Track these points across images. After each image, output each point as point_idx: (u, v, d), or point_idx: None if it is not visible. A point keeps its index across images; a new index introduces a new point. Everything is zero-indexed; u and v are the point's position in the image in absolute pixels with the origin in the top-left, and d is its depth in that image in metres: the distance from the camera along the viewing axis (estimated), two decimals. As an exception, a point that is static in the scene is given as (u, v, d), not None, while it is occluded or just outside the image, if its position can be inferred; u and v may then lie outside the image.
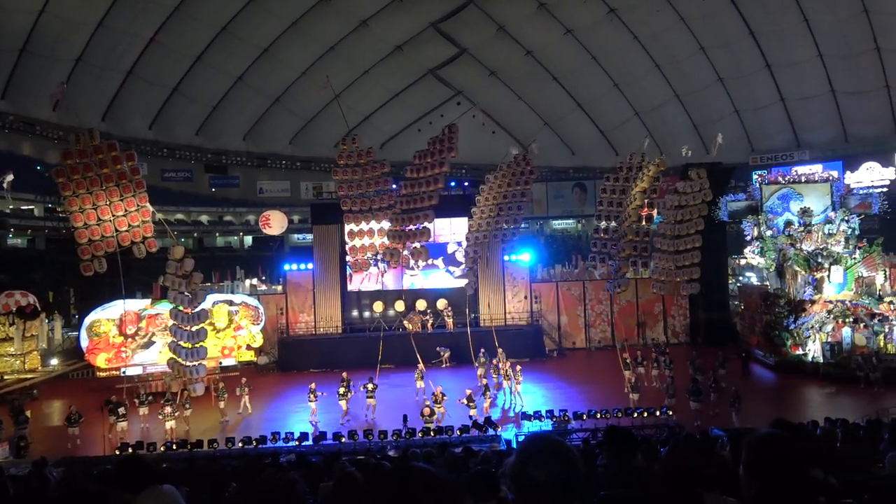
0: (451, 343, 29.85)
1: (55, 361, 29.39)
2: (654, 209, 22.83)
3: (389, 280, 32.33)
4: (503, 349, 25.28)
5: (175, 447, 17.93)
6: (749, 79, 44.51)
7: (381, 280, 30.95)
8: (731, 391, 19.91)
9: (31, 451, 18.15)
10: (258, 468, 9.96)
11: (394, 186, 23.03)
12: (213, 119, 48.31)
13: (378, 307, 33.38)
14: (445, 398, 20.71)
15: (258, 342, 29.08)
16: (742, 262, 38.83)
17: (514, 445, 15.36)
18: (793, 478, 2.72)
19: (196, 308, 18.85)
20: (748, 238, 30.41)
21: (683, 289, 22.76)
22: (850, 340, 26.22)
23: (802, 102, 45.16)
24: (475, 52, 47.50)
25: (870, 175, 43.91)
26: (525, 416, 19.98)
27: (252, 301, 29.54)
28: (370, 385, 21.82)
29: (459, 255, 29.53)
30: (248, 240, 52.70)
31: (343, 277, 33.35)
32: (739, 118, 47.28)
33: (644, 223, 22.40)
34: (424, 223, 21.62)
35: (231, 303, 28.07)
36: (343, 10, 42.38)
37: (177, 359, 19.48)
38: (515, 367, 23.15)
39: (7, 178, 35.37)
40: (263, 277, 36.98)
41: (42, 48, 38.62)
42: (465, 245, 24.80)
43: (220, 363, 26.48)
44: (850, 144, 45.90)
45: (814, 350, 26.94)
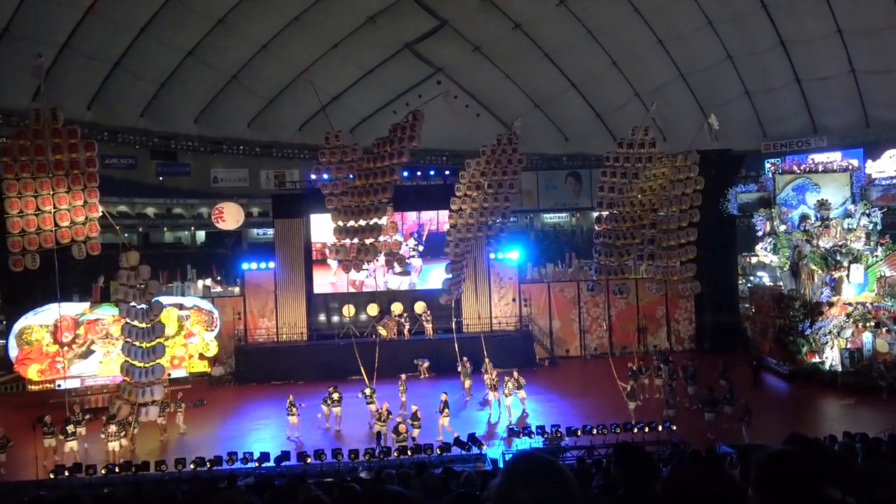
0: (431, 352, 29.85)
1: (-21, 374, 28.96)
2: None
3: (361, 280, 32.27)
4: (489, 358, 25.34)
5: (118, 470, 17.75)
6: (761, 57, 44.91)
7: (375, 278, 31.12)
8: (741, 403, 20.13)
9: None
10: (212, 492, 9.87)
11: (350, 176, 22.96)
12: (161, 98, 47.78)
13: (348, 311, 33.31)
14: (420, 417, 20.56)
15: (212, 351, 28.86)
16: (753, 261, 39.27)
17: (501, 465, 15.39)
18: (808, 498, 2.76)
19: (151, 320, 18.62)
20: (760, 233, 30.72)
21: (682, 289, 23.00)
22: (872, 347, 26.57)
23: (820, 83, 45.65)
24: (457, 25, 47.45)
25: (893, 164, 44.55)
26: (513, 433, 20.03)
27: (205, 304, 29.31)
28: (335, 395, 22.25)
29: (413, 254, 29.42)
30: (201, 235, 52.28)
31: (308, 278, 33.23)
32: (750, 100, 47.74)
33: (653, 210, 22.52)
34: (375, 219, 21.60)
35: (181, 307, 27.85)
36: (309, -24, 42.20)
37: (128, 380, 19.29)
38: (513, 375, 23.15)
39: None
40: (218, 278, 36.69)
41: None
42: (449, 244, 24.73)
43: (169, 375, 26.24)
44: (872, 130, 46.48)
45: (832, 357, 27.30)
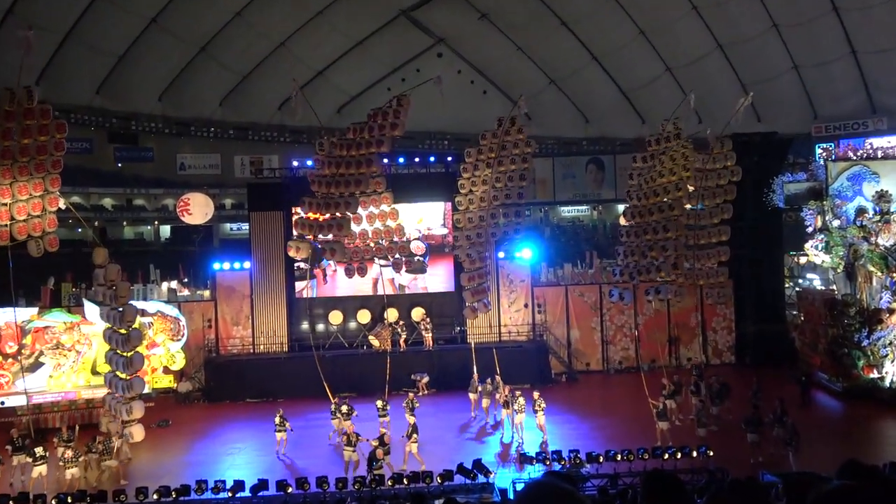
0: (430, 365, 29.83)
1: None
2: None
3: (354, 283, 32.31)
4: (500, 374, 25.40)
5: (70, 500, 17.77)
6: (812, 25, 44.82)
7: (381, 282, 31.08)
8: (788, 425, 20.14)
9: None
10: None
11: (308, 163, 22.88)
12: (120, 73, 47.83)
13: (335, 318, 33.32)
14: (388, 443, 20.46)
15: (178, 364, 28.87)
16: (802, 261, 39.19)
17: (511, 495, 15.41)
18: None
19: (127, 327, 18.63)
20: (809, 230, 30.70)
21: (709, 296, 22.98)
22: (939, 360, 26.63)
23: (879, 56, 45.53)
24: (461, -11, 47.48)
25: (964, 149, 44.51)
26: (525, 458, 20.03)
27: (170, 310, 29.32)
28: (343, 407, 22.69)
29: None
30: (166, 230, 52.39)
31: (290, 279, 33.26)
32: (799, 76, 47.66)
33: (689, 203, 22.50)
34: (347, 212, 21.59)
35: (143, 312, 27.82)
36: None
37: (114, 394, 19.36)
38: (532, 396, 23.16)
39: None
40: (186, 279, 36.73)
41: None
42: (458, 248, 24.69)
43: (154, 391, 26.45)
44: (940, 110, 46.45)
45: (892, 373, 27.29)
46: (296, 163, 36.01)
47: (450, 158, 36.09)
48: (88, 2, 43.00)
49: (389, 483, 18.13)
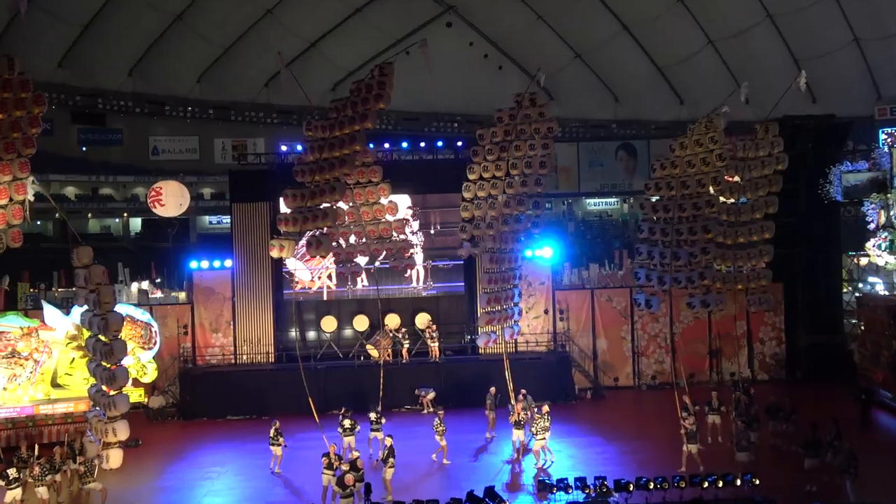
0: (437, 379, 29.85)
1: None
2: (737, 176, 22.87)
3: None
4: (514, 388, 25.38)
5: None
6: (875, -8, 44.74)
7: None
8: (845, 449, 20.10)
9: None
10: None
11: (298, 147, 23.02)
12: (84, 44, 47.99)
13: (328, 325, 33.37)
14: (361, 468, 20.33)
15: (150, 376, 28.95)
16: (863, 262, 39.08)
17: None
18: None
19: (112, 336, 18.67)
20: (872, 226, 30.64)
21: (751, 303, 22.91)
22: None
23: (953, 29, 45.46)
24: (474, -50, 47.54)
25: None
26: (545, 486, 20.06)
27: (141, 315, 29.40)
28: (346, 422, 23.35)
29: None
30: (136, 223, 52.47)
31: (277, 279, 33.33)
32: (860, 49, 47.51)
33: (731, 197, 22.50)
34: (333, 199, 21.63)
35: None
36: None
37: (96, 410, 19.46)
38: (542, 410, 23.14)
39: None
40: (158, 280, 36.86)
41: None
42: (464, 245, 24.73)
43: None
44: None
45: (965, 390, 27.26)
46: (284, 147, 36.12)
47: (460, 143, 36.05)
48: (49, -37, 43.17)
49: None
